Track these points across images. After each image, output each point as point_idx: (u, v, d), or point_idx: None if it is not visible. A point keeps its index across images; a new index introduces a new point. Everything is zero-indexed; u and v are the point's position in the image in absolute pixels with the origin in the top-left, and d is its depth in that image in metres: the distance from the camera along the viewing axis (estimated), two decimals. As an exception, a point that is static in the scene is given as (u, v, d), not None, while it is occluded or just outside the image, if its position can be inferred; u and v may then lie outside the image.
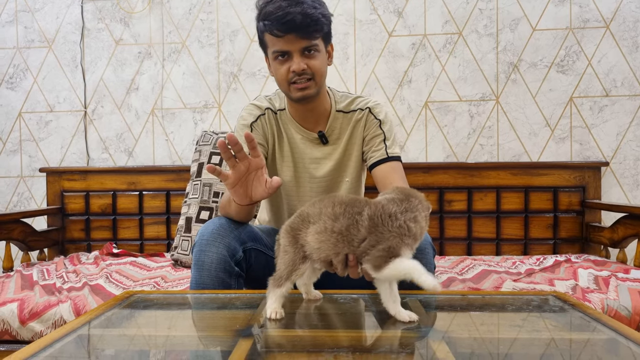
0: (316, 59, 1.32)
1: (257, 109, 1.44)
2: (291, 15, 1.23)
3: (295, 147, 1.44)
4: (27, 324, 1.49)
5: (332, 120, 1.44)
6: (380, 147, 1.41)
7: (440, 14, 2.31)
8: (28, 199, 2.48)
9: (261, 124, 1.42)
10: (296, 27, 1.25)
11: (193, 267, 1.20)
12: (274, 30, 1.27)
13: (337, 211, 0.86)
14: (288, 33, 1.26)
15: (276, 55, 1.31)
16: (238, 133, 1.42)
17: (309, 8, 1.25)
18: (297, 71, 1.29)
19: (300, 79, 1.30)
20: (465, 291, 1.44)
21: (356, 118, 1.44)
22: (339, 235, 0.86)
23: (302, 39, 1.27)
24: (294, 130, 1.44)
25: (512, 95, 2.28)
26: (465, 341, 0.81)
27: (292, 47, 1.28)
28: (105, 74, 2.44)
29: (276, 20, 1.25)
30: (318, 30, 1.29)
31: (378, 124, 1.43)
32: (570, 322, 0.92)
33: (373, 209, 0.85)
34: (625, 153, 2.24)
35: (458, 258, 2.03)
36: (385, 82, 2.33)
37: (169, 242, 2.27)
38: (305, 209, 0.92)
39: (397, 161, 1.41)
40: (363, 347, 0.77)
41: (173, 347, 0.83)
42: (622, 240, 1.92)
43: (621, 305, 1.44)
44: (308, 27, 1.26)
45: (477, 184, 2.18)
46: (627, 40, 2.23)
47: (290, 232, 0.91)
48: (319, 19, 1.27)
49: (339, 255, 0.87)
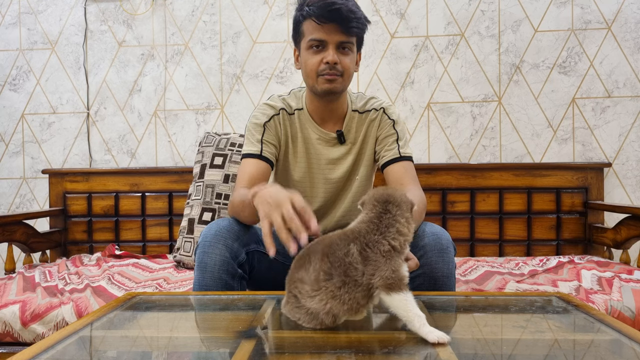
0: (348, 57, 1.33)
1: (271, 108, 1.43)
2: (338, 5, 1.26)
3: (311, 148, 1.44)
4: (29, 325, 1.49)
5: (348, 120, 1.44)
6: (393, 146, 1.42)
7: (442, 16, 2.31)
8: (30, 200, 2.48)
9: (274, 124, 1.42)
10: (341, 18, 1.27)
11: (196, 268, 1.20)
12: (319, 16, 1.27)
13: (326, 267, 0.83)
14: (332, 22, 1.27)
15: (312, 44, 1.32)
16: (250, 132, 1.41)
17: (354, 6, 1.29)
18: (330, 62, 1.30)
19: (330, 72, 1.31)
20: (468, 292, 1.44)
21: (370, 118, 1.44)
22: (342, 286, 0.82)
23: (342, 32, 1.29)
24: (311, 130, 1.43)
25: (514, 96, 2.28)
26: (469, 342, 0.81)
27: (330, 37, 1.29)
28: (108, 76, 2.44)
29: (323, 7, 1.27)
30: (359, 28, 1.31)
31: (392, 124, 1.43)
32: (573, 323, 0.91)
33: (358, 243, 0.83)
34: (628, 154, 2.23)
35: (461, 259, 2.03)
36: (388, 83, 2.33)
37: (171, 244, 2.27)
38: (290, 287, 0.87)
39: (409, 161, 1.42)
40: (366, 349, 0.77)
41: (175, 349, 0.83)
42: (625, 241, 1.91)
43: (625, 306, 1.43)
44: (351, 22, 1.28)
45: (479, 185, 2.18)
46: (629, 42, 2.23)
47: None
48: (360, 19, 1.30)
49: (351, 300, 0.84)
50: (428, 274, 1.16)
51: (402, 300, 0.80)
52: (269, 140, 1.39)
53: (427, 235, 1.20)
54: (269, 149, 1.38)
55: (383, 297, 0.82)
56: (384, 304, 0.82)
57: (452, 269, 1.19)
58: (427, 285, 1.17)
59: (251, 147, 1.38)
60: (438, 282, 1.17)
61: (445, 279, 1.18)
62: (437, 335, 0.77)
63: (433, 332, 0.77)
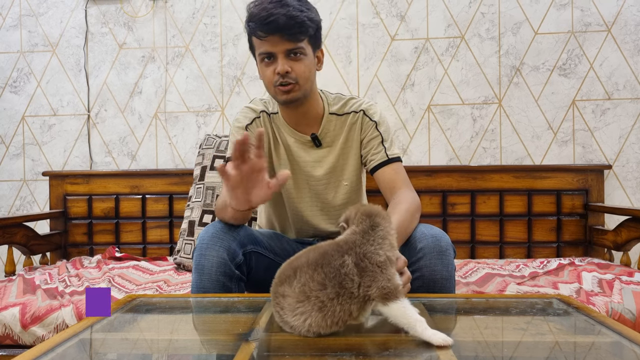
0: (301, 63, 1.30)
1: (252, 111, 1.44)
2: (275, 17, 1.23)
3: (290, 150, 1.44)
4: (29, 328, 1.49)
5: (325, 123, 1.43)
6: (379, 149, 1.40)
7: (442, 18, 2.31)
8: (31, 202, 2.48)
9: (256, 126, 1.42)
10: (279, 28, 1.24)
11: (193, 271, 1.20)
12: (257, 31, 1.26)
13: (319, 278, 0.82)
14: (271, 34, 1.26)
15: (262, 57, 1.31)
16: (233, 135, 1.42)
17: (294, 10, 1.25)
18: (280, 72, 1.28)
19: (284, 81, 1.29)
20: (469, 294, 1.44)
21: (351, 121, 1.43)
22: (336, 298, 0.81)
23: (287, 41, 1.27)
24: (287, 133, 1.44)
25: (514, 98, 2.28)
26: (469, 345, 0.81)
27: (276, 48, 1.28)
28: (108, 78, 2.44)
29: (260, 22, 1.25)
30: (303, 33, 1.28)
31: (374, 126, 1.41)
32: (574, 325, 0.91)
33: (353, 255, 0.82)
34: (628, 156, 2.23)
35: (462, 261, 2.03)
36: (388, 85, 2.33)
37: (171, 246, 2.27)
38: (281, 300, 0.85)
39: (398, 162, 1.40)
40: (366, 351, 0.77)
41: (175, 351, 0.83)
42: (625, 243, 1.91)
43: (625, 308, 1.43)
44: (292, 28, 1.25)
45: (480, 187, 2.18)
46: (629, 44, 2.23)
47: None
48: (304, 22, 1.26)
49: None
50: (427, 276, 1.16)
51: (399, 308, 0.80)
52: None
53: (426, 238, 1.19)
54: None
55: (381, 308, 0.81)
56: (383, 314, 0.82)
57: (451, 271, 1.19)
58: (426, 287, 1.17)
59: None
60: (437, 285, 1.17)
61: (445, 281, 1.17)
62: (441, 337, 0.76)
63: (436, 334, 0.77)
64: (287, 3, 1.25)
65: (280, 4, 1.25)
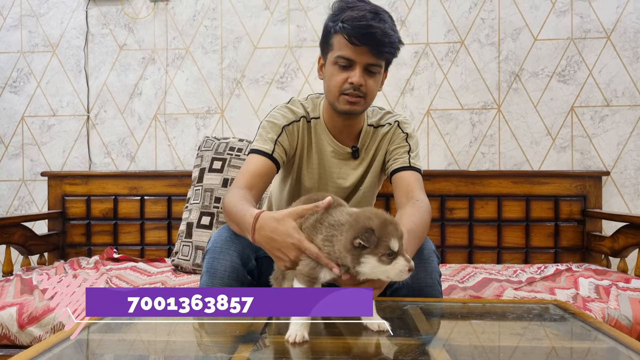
0: (374, 79, 1.30)
1: (292, 113, 1.40)
2: (373, 29, 1.21)
3: (324, 160, 1.42)
4: (26, 328, 1.48)
5: (364, 135, 1.42)
6: (403, 156, 1.38)
7: (442, 23, 2.32)
8: (29, 202, 2.48)
9: (293, 130, 1.39)
10: (374, 42, 1.23)
11: (204, 273, 1.19)
12: (352, 36, 1.23)
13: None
14: (364, 45, 1.24)
15: (339, 61, 1.28)
16: (265, 129, 1.37)
17: (390, 29, 1.24)
18: (355, 83, 1.26)
19: (355, 93, 1.28)
20: (466, 299, 1.44)
21: (383, 132, 1.42)
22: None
23: (372, 55, 1.25)
24: (326, 141, 1.41)
25: (513, 104, 2.29)
26: (466, 349, 0.81)
27: (359, 58, 1.26)
28: (108, 79, 2.45)
29: (358, 28, 1.22)
30: (390, 53, 1.28)
31: (404, 137, 1.41)
32: (571, 331, 0.92)
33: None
34: (626, 163, 2.24)
35: (459, 266, 2.03)
36: (388, 89, 2.34)
37: (169, 248, 2.27)
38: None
39: (419, 172, 1.38)
40: (363, 355, 0.77)
41: (172, 353, 0.83)
42: (622, 250, 1.92)
43: (622, 314, 1.43)
44: (384, 46, 1.24)
45: (478, 192, 2.18)
46: (628, 51, 2.24)
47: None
48: (394, 43, 1.26)
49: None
50: (412, 285, 1.14)
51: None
52: (283, 144, 1.35)
53: None
54: (280, 152, 1.35)
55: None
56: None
57: (435, 277, 1.19)
58: (412, 296, 1.16)
59: (263, 145, 1.34)
60: (423, 292, 1.16)
61: (430, 288, 1.17)
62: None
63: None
64: (384, 19, 1.25)
65: (378, 17, 1.23)
